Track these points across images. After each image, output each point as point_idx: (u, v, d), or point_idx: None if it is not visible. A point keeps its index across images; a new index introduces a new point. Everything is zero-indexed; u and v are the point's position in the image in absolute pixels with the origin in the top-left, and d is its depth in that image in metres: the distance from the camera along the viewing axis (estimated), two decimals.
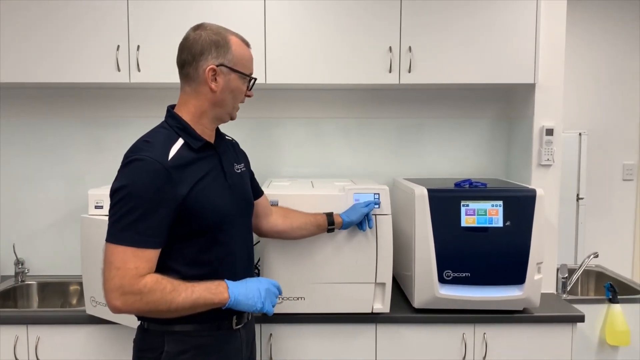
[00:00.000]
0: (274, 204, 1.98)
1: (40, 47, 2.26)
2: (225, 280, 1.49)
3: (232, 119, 1.63)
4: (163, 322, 1.51)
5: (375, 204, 2.01)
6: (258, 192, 1.84)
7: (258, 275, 2.46)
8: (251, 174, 1.83)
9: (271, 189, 2.08)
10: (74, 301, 2.55)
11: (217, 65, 1.50)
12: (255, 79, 1.61)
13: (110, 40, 2.26)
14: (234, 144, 1.79)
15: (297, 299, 2.04)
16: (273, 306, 1.53)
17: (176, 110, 1.57)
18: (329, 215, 1.93)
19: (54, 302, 2.55)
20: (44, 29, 2.25)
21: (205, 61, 1.50)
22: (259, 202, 1.82)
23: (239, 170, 1.68)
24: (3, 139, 2.63)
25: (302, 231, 1.91)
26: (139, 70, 2.26)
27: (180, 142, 1.49)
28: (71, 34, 2.26)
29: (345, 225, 1.95)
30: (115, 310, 1.39)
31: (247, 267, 1.66)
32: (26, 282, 2.55)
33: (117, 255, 1.37)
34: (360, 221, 1.98)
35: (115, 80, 2.28)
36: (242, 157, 1.79)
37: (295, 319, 2.07)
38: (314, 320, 2.08)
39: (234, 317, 1.59)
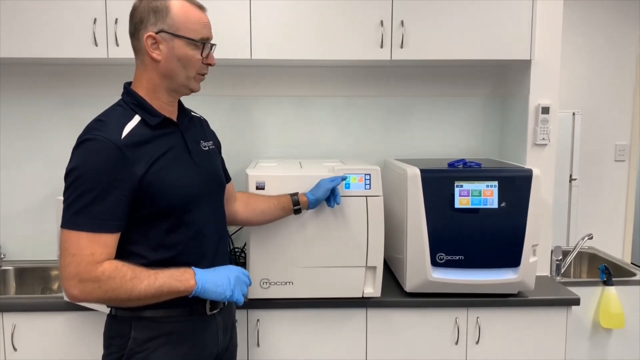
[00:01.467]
0: (261, 187, 1.91)
1: (13, 21, 2.14)
2: (193, 267, 1.42)
3: (192, 90, 1.51)
4: (131, 308, 1.44)
5: (342, 181, 1.91)
6: (226, 177, 1.75)
7: (237, 258, 2.39)
8: (221, 158, 1.75)
9: (258, 170, 2.00)
10: (55, 286, 2.46)
11: (156, 32, 1.41)
12: (212, 44, 1.49)
13: (86, 13, 2.13)
14: (202, 121, 1.71)
15: (285, 283, 1.98)
16: (244, 295, 1.48)
17: (132, 86, 1.49)
18: (293, 195, 1.84)
19: (34, 288, 2.46)
20: (16, 2, 2.12)
21: (145, 30, 1.42)
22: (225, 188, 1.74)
23: (206, 148, 1.60)
24: None
25: (266, 216, 1.83)
26: (117, 44, 2.14)
27: (136, 119, 1.42)
28: (45, 7, 2.13)
29: (312, 204, 1.86)
30: (74, 299, 1.33)
31: (217, 250, 1.56)
32: (3, 268, 2.46)
33: (72, 242, 1.31)
34: (328, 197, 1.88)
35: (92, 55, 2.16)
36: (211, 136, 1.71)
37: (283, 304, 2.01)
38: (302, 306, 2.02)
39: (207, 302, 1.52)
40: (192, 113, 1.68)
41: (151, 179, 1.37)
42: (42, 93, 2.51)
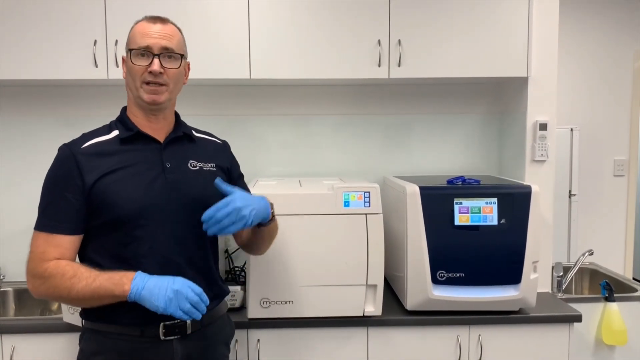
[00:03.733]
0: None
1: (12, 43, 2.16)
2: (140, 272, 1.38)
3: (146, 102, 1.48)
4: (88, 319, 1.50)
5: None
6: None
7: (237, 277, 2.35)
8: (239, 186, 1.66)
9: (257, 189, 2.00)
10: (55, 307, 2.45)
11: (125, 55, 1.52)
12: (156, 54, 1.45)
13: (86, 34, 2.16)
14: (210, 142, 1.69)
15: (285, 302, 1.97)
16: (185, 312, 1.35)
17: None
18: None
19: (33, 309, 2.44)
20: (17, 24, 2.15)
21: None
22: None
23: (196, 167, 1.57)
24: None
25: (250, 241, 1.69)
26: (117, 65, 2.16)
27: (114, 134, 1.52)
28: (46, 29, 2.16)
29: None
30: (31, 293, 1.45)
31: (182, 273, 1.45)
32: (2, 289, 2.44)
33: (33, 240, 1.44)
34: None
35: (92, 76, 2.18)
36: (219, 159, 1.65)
37: (283, 323, 1.99)
38: (303, 325, 2.00)
39: (161, 326, 1.45)
40: (197, 134, 1.67)
41: (102, 189, 1.43)
42: (42, 114, 2.52)
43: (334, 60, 2.22)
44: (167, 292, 1.34)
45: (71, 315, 1.92)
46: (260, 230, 1.59)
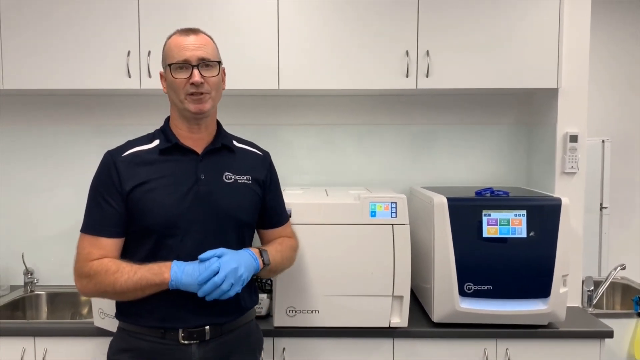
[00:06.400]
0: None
1: (49, 53, 2.23)
2: (175, 261, 1.45)
3: (193, 112, 1.52)
4: (120, 319, 1.58)
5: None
6: (271, 223, 1.73)
7: (262, 286, 2.33)
8: (273, 201, 1.73)
9: (284, 198, 2.01)
10: (85, 311, 2.50)
11: (163, 70, 1.58)
12: (194, 65, 1.49)
13: (120, 46, 2.22)
14: (250, 153, 1.70)
15: (311, 312, 1.97)
16: (220, 292, 1.39)
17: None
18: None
19: (64, 312, 2.51)
20: (53, 35, 2.22)
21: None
22: (267, 233, 1.74)
23: (231, 180, 1.59)
24: (13, 147, 2.60)
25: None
26: (149, 76, 2.21)
27: (155, 143, 1.57)
28: (81, 40, 2.23)
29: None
30: (80, 293, 1.55)
31: None
32: (35, 292, 2.51)
33: (79, 242, 1.51)
34: None
35: (126, 86, 2.24)
36: (257, 172, 1.66)
37: (309, 332, 2.00)
38: (328, 334, 2.01)
39: (180, 330, 1.50)
40: (238, 144, 1.69)
41: (137, 197, 1.48)
42: (74, 122, 2.60)
43: (361, 71, 2.23)
44: (201, 271, 1.41)
45: (102, 320, 1.96)
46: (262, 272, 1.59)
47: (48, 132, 2.60)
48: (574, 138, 2.29)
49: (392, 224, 1.94)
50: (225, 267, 1.40)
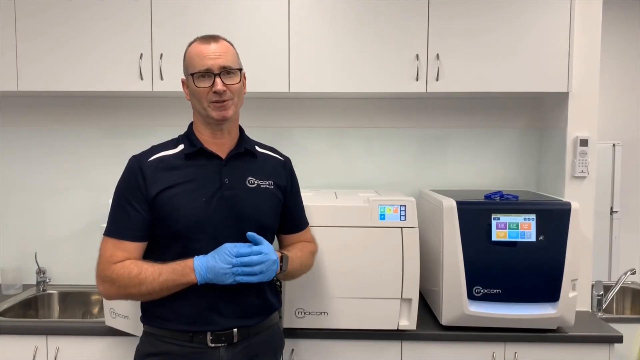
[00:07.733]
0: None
1: (63, 55, 2.26)
2: (196, 258, 1.46)
3: (216, 119, 1.54)
4: (146, 323, 1.58)
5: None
6: (291, 228, 1.75)
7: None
8: (294, 206, 1.74)
9: None
10: (96, 311, 2.53)
11: (185, 78, 1.59)
12: (216, 74, 1.50)
13: (133, 48, 2.24)
14: (271, 159, 1.72)
15: (320, 313, 1.98)
16: (246, 274, 1.42)
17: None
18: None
19: (76, 312, 2.53)
20: (66, 37, 2.25)
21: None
22: (287, 237, 1.75)
23: (254, 185, 1.61)
24: (26, 148, 2.64)
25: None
26: (162, 78, 2.24)
27: (179, 148, 1.59)
28: (94, 43, 2.26)
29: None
30: (103, 296, 1.54)
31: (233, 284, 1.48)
32: (47, 292, 2.54)
33: (102, 245, 1.52)
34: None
35: (138, 89, 2.26)
36: (279, 177, 1.68)
37: (317, 334, 2.01)
38: (337, 336, 2.01)
39: (208, 333, 1.52)
40: (260, 149, 1.70)
41: (163, 202, 1.49)
42: (86, 124, 2.63)
43: (371, 75, 2.24)
44: (224, 263, 1.43)
45: (113, 319, 1.98)
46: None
47: (61, 133, 2.63)
48: (584, 142, 2.28)
49: (401, 227, 1.95)
50: (269, 254, 1.46)
